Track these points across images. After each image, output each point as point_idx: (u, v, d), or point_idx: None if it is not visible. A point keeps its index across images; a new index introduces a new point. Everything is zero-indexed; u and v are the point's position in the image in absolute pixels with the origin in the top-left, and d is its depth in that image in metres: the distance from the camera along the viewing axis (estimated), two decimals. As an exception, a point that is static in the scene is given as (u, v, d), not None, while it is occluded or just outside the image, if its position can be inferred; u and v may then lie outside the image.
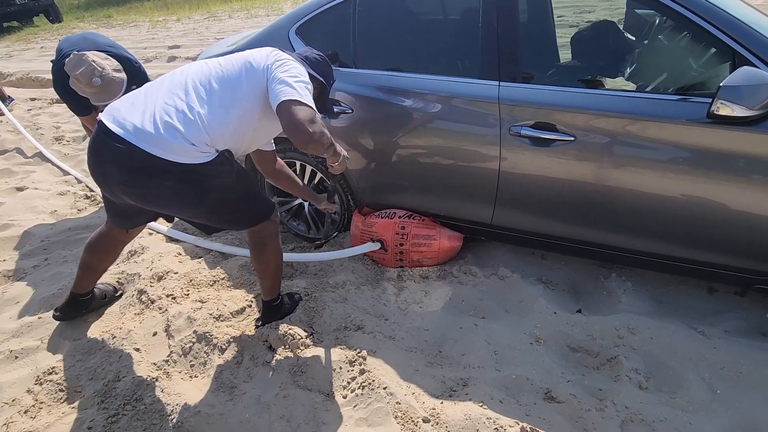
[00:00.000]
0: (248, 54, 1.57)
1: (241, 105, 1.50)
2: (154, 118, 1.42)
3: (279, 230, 1.77)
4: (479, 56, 1.89)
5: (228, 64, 1.54)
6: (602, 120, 1.67)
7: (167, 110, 1.43)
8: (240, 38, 2.60)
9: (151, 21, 11.92)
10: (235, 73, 1.52)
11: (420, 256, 2.16)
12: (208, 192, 1.51)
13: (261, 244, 1.74)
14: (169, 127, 1.40)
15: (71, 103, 2.51)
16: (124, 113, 1.45)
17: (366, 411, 1.49)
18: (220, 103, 1.47)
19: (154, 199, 1.52)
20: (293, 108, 1.41)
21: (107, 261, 1.94)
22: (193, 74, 1.52)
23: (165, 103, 1.45)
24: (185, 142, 1.41)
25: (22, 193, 3.17)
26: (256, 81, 1.51)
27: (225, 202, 1.58)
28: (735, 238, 1.65)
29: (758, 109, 1.41)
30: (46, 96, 5.51)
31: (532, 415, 1.47)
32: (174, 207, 1.58)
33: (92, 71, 2.19)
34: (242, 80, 1.51)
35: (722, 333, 1.73)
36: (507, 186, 1.91)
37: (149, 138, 1.40)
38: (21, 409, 1.59)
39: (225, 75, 1.51)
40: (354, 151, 2.17)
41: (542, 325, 1.82)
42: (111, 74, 2.26)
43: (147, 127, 1.41)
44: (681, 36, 1.94)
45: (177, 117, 1.42)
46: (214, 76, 1.51)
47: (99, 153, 1.47)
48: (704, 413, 1.47)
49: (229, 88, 1.49)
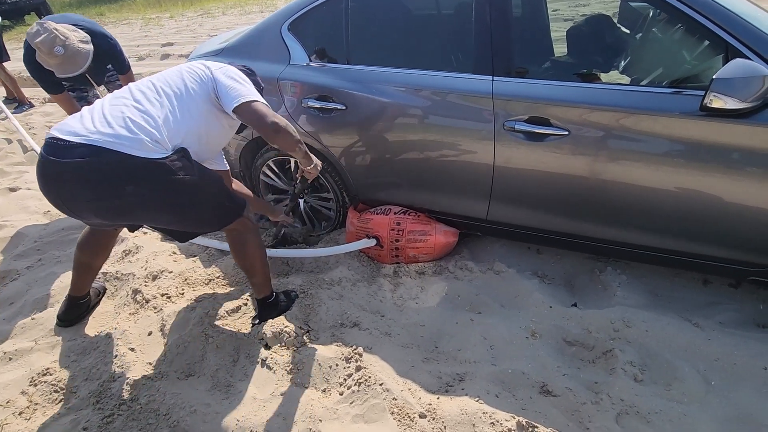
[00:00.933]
0: (190, 65, 1.61)
1: (190, 107, 1.52)
2: (106, 119, 1.39)
3: (255, 227, 1.77)
4: (473, 51, 1.88)
5: (170, 75, 1.57)
6: (596, 114, 1.67)
7: (119, 109, 1.42)
8: (233, 35, 2.58)
9: (144, 18, 11.83)
10: (181, 79, 1.55)
11: (416, 252, 2.16)
12: (175, 191, 1.46)
13: (240, 241, 1.74)
14: (126, 123, 1.38)
15: (39, 79, 2.41)
16: (72, 124, 1.42)
17: (362, 407, 1.49)
18: (170, 103, 1.49)
19: (122, 210, 1.46)
20: (253, 106, 1.49)
21: (102, 257, 1.93)
22: (137, 85, 1.53)
23: (113, 106, 1.45)
24: (141, 135, 1.37)
25: (15, 194, 3.14)
26: (202, 86, 1.55)
27: (194, 202, 1.55)
28: (729, 231, 1.65)
29: (751, 102, 1.41)
30: (39, 95, 5.46)
31: (528, 409, 1.47)
32: (144, 213, 1.51)
33: (54, 39, 2.11)
34: (188, 85, 1.54)
35: (717, 325, 1.74)
36: (502, 181, 1.91)
37: (106, 136, 1.35)
38: (15, 411, 1.58)
39: (171, 82, 1.54)
40: (348, 148, 2.16)
41: (538, 320, 1.82)
42: (76, 44, 2.18)
43: (101, 128, 1.37)
44: (674, 28, 1.94)
45: (131, 112, 1.41)
46: (160, 83, 1.53)
47: (54, 177, 1.38)
48: (699, 405, 1.48)
49: (177, 90, 1.52)
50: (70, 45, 2.16)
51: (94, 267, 1.92)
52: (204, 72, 1.58)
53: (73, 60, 2.18)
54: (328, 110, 2.11)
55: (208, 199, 1.59)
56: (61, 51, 2.13)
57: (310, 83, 2.13)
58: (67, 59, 2.17)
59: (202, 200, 1.57)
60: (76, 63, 2.19)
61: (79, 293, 1.94)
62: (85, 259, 1.87)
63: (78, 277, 1.90)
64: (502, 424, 1.41)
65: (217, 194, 1.62)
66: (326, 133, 2.16)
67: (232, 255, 1.83)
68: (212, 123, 1.59)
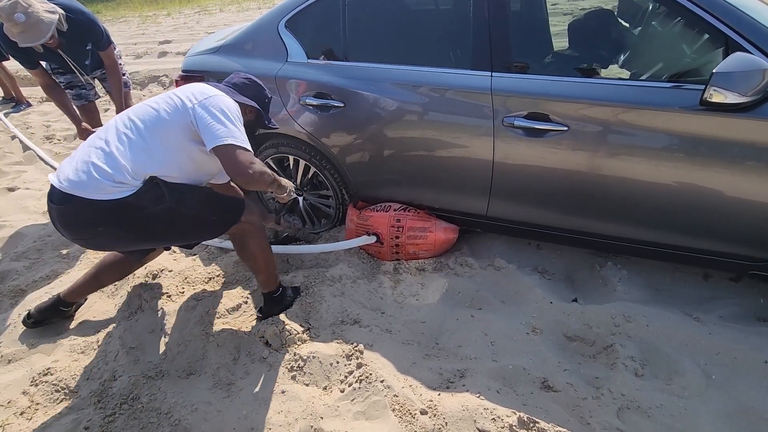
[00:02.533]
0: (176, 92, 1.61)
1: (164, 139, 1.52)
2: (76, 166, 1.47)
3: (258, 227, 1.77)
4: (471, 47, 1.87)
5: (155, 103, 1.58)
6: (595, 109, 1.66)
7: (89, 153, 1.48)
8: (230, 32, 2.56)
9: (141, 16, 11.78)
10: (160, 110, 1.55)
11: (416, 249, 2.16)
12: (146, 222, 1.52)
13: (241, 242, 1.77)
14: (88, 168, 1.44)
15: (11, 52, 2.38)
16: (61, 168, 1.51)
17: (364, 404, 1.49)
18: (141, 137, 1.50)
19: (105, 246, 1.64)
20: (229, 152, 1.46)
21: (116, 278, 1.99)
22: (115, 121, 1.57)
23: (88, 147, 1.51)
24: (101, 180, 1.43)
25: (14, 194, 3.13)
26: (180, 116, 1.53)
27: (172, 226, 1.59)
28: (729, 225, 1.65)
29: (751, 96, 1.40)
30: (36, 94, 5.44)
31: (529, 404, 1.47)
32: (128, 244, 1.64)
33: (15, 6, 2.08)
34: (165, 116, 1.53)
35: (717, 319, 1.74)
36: (502, 177, 1.90)
37: (72, 183, 1.44)
38: (17, 411, 1.58)
39: (147, 115, 1.55)
40: (347, 146, 2.15)
41: (538, 315, 1.82)
42: (39, 13, 2.14)
43: (70, 175, 1.45)
44: (674, 22, 1.93)
45: (96, 156, 1.46)
46: (137, 115, 1.55)
47: (51, 218, 1.54)
48: (699, 399, 1.48)
49: (150, 122, 1.52)
50: (33, 13, 2.12)
51: (103, 283, 1.96)
52: (186, 101, 1.55)
53: (35, 28, 2.14)
54: (327, 108, 2.10)
55: (189, 219, 1.60)
56: (22, 18, 2.09)
57: (308, 81, 2.12)
58: (29, 27, 2.13)
59: (181, 221, 1.59)
60: (39, 31, 2.15)
61: (70, 300, 1.93)
62: (100, 275, 1.91)
63: (82, 284, 1.91)
64: (503, 420, 1.41)
65: (200, 211, 1.62)
66: (325, 131, 2.15)
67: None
68: (194, 151, 1.57)
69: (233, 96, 1.67)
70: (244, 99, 1.71)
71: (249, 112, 1.76)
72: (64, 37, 2.39)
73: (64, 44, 2.41)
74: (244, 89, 1.76)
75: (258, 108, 1.76)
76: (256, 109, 1.76)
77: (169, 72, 5.89)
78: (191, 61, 2.47)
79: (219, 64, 2.33)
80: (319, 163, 2.25)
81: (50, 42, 2.30)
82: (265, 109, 1.83)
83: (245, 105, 1.72)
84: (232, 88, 1.73)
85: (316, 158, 2.24)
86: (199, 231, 1.69)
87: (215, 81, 1.79)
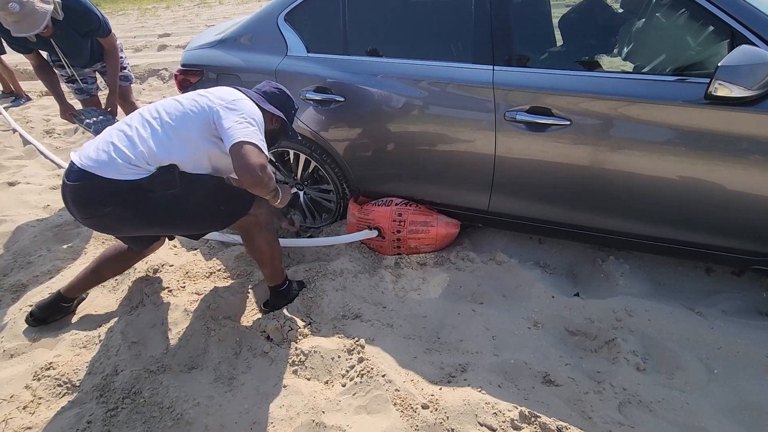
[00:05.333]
0: (204, 92, 1.66)
1: (184, 133, 1.55)
2: (98, 146, 1.53)
3: (266, 221, 1.76)
4: (473, 40, 1.85)
5: (184, 98, 1.63)
6: (599, 103, 1.64)
7: (111, 134, 1.55)
8: (230, 25, 2.54)
9: (140, 9, 11.71)
10: (186, 106, 1.59)
11: (417, 243, 2.15)
12: (152, 207, 1.56)
13: (248, 236, 1.78)
14: (108, 148, 1.50)
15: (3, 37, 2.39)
16: (83, 148, 1.57)
17: (365, 399, 1.49)
18: (163, 126, 1.55)
19: (110, 227, 1.64)
20: (244, 151, 1.47)
21: (116, 273, 1.99)
22: (148, 107, 1.63)
23: (113, 129, 1.58)
24: (119, 160, 1.48)
25: (14, 188, 3.13)
26: (204, 115, 1.57)
27: (177, 213, 1.61)
28: (733, 220, 1.64)
29: (757, 89, 1.38)
30: (36, 88, 5.42)
31: (531, 399, 1.47)
32: (130, 228, 1.65)
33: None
34: (189, 113, 1.57)
35: (720, 313, 1.73)
36: (503, 172, 1.89)
37: (92, 161, 1.49)
38: (20, 405, 1.59)
39: (173, 107, 1.60)
40: (347, 140, 2.14)
41: (540, 310, 1.82)
42: (34, 3, 2.15)
43: (91, 154, 1.52)
44: (678, 14, 1.91)
45: (118, 138, 1.52)
46: (163, 107, 1.60)
47: (63, 196, 1.58)
48: (701, 393, 1.48)
49: (175, 115, 1.57)
50: (27, 3, 2.12)
51: (103, 278, 1.96)
52: (213, 101, 1.59)
53: (30, 18, 2.15)
54: (327, 102, 2.09)
55: (196, 206, 1.63)
56: (16, 8, 2.09)
57: (308, 75, 2.11)
58: (24, 17, 2.13)
59: (188, 209, 1.62)
60: (34, 21, 2.16)
61: (70, 295, 1.93)
62: (100, 270, 1.91)
63: (82, 279, 1.91)
64: (504, 414, 1.41)
65: (207, 198, 1.64)
66: (325, 126, 2.14)
67: None
68: (212, 150, 1.60)
69: (261, 104, 1.69)
70: (271, 108, 1.73)
71: (275, 122, 1.78)
72: (60, 26, 2.38)
73: (57, 34, 2.40)
74: (273, 98, 1.77)
75: (283, 118, 1.77)
76: (281, 119, 1.77)
77: (168, 65, 5.86)
78: (190, 55, 2.45)
79: (218, 58, 2.32)
80: (320, 157, 2.24)
81: (44, 32, 2.29)
82: (290, 119, 1.85)
83: (271, 114, 1.73)
84: (261, 96, 1.75)
85: (317, 152, 2.23)
86: (206, 220, 1.70)
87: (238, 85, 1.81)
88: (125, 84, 3.00)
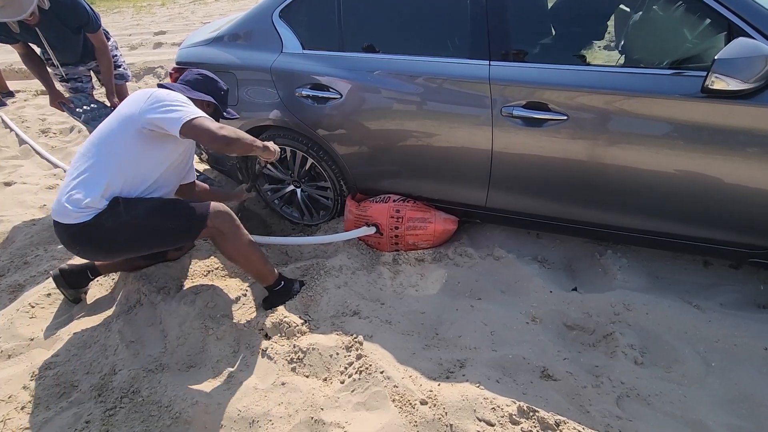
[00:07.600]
0: (121, 105, 1.70)
1: (119, 151, 1.61)
2: (59, 192, 1.62)
3: (230, 230, 1.76)
4: (469, 35, 1.84)
5: (108, 120, 1.68)
6: (595, 97, 1.64)
7: (67, 181, 1.62)
8: (225, 23, 2.53)
9: (136, 6, 11.65)
10: (112, 127, 1.64)
11: (415, 239, 2.15)
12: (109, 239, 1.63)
13: (217, 246, 1.83)
14: (61, 197, 1.59)
15: None
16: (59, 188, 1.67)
17: (364, 395, 1.49)
18: (100, 158, 1.60)
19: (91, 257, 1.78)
20: (195, 125, 1.53)
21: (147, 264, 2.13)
22: (84, 144, 1.67)
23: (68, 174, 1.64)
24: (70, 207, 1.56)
25: (10, 188, 3.12)
26: (131, 125, 1.61)
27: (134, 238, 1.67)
28: (730, 213, 1.64)
29: (753, 82, 1.38)
30: (31, 87, 5.39)
31: (529, 393, 1.48)
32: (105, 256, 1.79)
33: None
34: (114, 130, 1.63)
35: (717, 306, 1.74)
36: (500, 168, 1.89)
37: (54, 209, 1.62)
38: (18, 406, 1.59)
39: (102, 132, 1.65)
40: (344, 137, 2.13)
41: (538, 305, 1.82)
42: None
43: (54, 203, 1.62)
44: (674, 7, 1.90)
45: (70, 185, 1.59)
46: (95, 138, 1.65)
47: None
48: (699, 386, 1.48)
49: (106, 141, 1.62)
50: None
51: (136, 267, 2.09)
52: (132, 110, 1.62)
53: (16, 3, 2.16)
54: (323, 99, 2.08)
55: (145, 228, 1.67)
56: None
57: (303, 72, 2.10)
58: (9, 2, 2.15)
59: (140, 232, 1.66)
60: (19, 6, 2.17)
61: (102, 270, 2.04)
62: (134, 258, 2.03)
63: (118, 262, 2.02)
64: (503, 409, 1.41)
65: (152, 218, 1.67)
66: (321, 123, 2.13)
67: None
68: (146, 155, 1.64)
69: (187, 93, 1.73)
70: (199, 95, 1.78)
71: (206, 106, 1.82)
72: (46, 15, 2.36)
73: (44, 24, 2.39)
74: (198, 85, 1.83)
75: (214, 102, 1.83)
76: (213, 103, 1.83)
77: (164, 63, 5.83)
78: (185, 53, 2.43)
79: (213, 56, 2.30)
80: (317, 154, 2.23)
81: (29, 19, 2.28)
82: (222, 101, 1.90)
83: (201, 100, 1.78)
84: (185, 86, 1.80)
85: (314, 150, 2.22)
86: (161, 238, 1.73)
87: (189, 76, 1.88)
88: (121, 82, 2.99)
